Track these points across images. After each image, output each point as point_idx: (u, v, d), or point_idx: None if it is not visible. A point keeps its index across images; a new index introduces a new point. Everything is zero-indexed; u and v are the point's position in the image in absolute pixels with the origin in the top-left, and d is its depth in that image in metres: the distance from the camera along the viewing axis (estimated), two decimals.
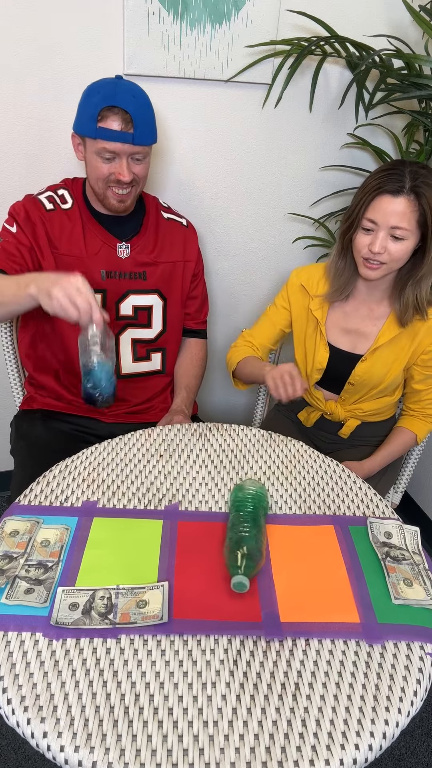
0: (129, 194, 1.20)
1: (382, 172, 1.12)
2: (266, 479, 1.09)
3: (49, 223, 1.23)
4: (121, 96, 1.11)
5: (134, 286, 1.31)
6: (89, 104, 1.12)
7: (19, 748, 1.32)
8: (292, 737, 0.67)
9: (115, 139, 1.11)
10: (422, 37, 1.53)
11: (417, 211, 1.09)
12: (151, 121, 1.16)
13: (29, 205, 1.23)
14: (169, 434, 1.21)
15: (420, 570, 0.89)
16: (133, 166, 1.17)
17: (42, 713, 0.68)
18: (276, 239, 1.80)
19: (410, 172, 1.09)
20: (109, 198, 1.20)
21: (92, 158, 1.16)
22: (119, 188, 1.18)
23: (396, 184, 1.08)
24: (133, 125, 1.11)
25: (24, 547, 0.88)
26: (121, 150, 1.13)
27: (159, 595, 0.82)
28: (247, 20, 1.42)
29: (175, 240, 1.36)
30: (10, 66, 1.34)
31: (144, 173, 1.20)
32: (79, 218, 1.25)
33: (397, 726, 0.70)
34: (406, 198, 1.08)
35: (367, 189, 1.12)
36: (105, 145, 1.12)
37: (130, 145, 1.13)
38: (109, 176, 1.16)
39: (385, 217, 1.10)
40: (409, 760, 1.37)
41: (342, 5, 1.48)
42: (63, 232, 1.23)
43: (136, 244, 1.30)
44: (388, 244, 1.12)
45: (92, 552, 0.89)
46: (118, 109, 1.10)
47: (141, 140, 1.14)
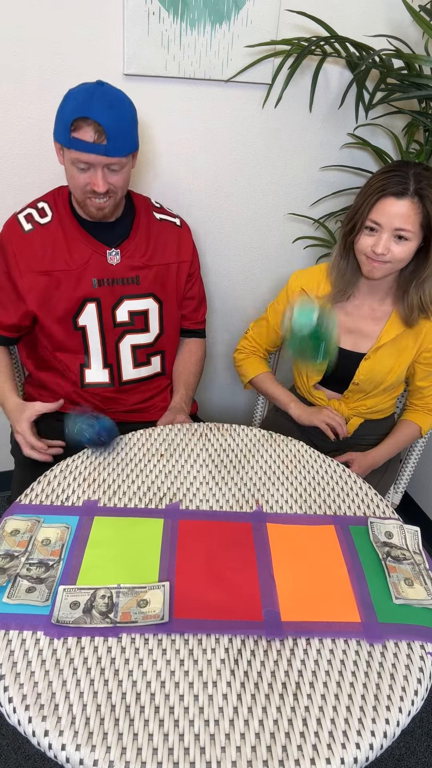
0: (107, 203, 1.18)
1: (385, 173, 1.11)
2: (266, 479, 1.09)
3: (30, 245, 1.21)
4: (95, 106, 1.07)
5: (128, 291, 1.30)
6: (64, 112, 1.10)
7: (19, 748, 1.32)
8: (294, 736, 0.67)
9: (88, 150, 1.08)
10: (422, 37, 1.53)
11: (420, 213, 1.09)
12: (127, 131, 1.12)
13: (8, 233, 1.23)
14: (170, 434, 1.21)
15: (421, 570, 0.89)
16: (110, 176, 1.14)
17: (43, 712, 0.68)
18: (276, 239, 1.80)
19: (414, 174, 1.08)
20: (88, 206, 1.18)
21: (69, 167, 1.14)
22: (96, 197, 1.16)
23: (400, 186, 1.08)
24: (106, 137, 1.07)
25: (25, 545, 0.88)
26: (94, 161, 1.10)
27: (160, 595, 0.82)
28: (247, 20, 1.42)
29: (168, 241, 1.33)
30: (10, 66, 1.34)
31: (122, 183, 1.17)
32: (60, 230, 1.23)
33: (398, 725, 0.70)
34: (410, 200, 1.08)
35: (370, 191, 1.12)
36: (78, 156, 1.10)
37: (103, 157, 1.10)
38: (85, 186, 1.14)
39: (389, 220, 1.10)
40: (409, 759, 1.37)
41: (342, 5, 1.48)
42: (45, 249, 1.22)
43: (127, 248, 1.28)
44: (391, 246, 1.12)
45: (93, 551, 0.89)
46: (90, 120, 1.07)
47: (115, 152, 1.10)
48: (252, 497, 1.04)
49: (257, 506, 1.02)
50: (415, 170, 1.09)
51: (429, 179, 1.09)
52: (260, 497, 1.04)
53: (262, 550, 0.92)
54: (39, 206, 1.25)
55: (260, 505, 1.02)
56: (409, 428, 1.38)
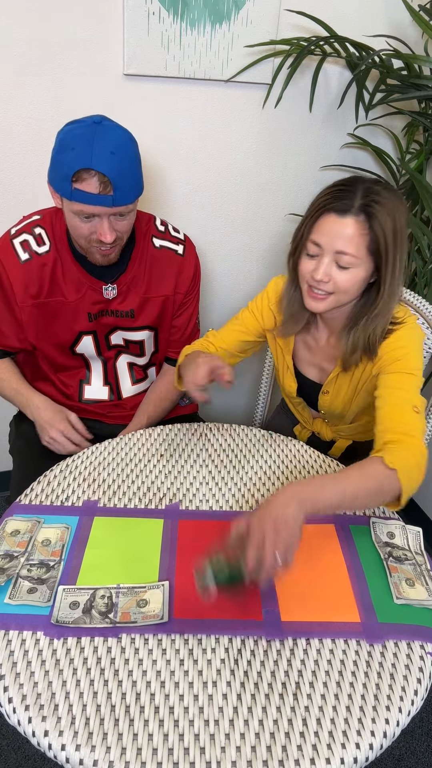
0: (113, 249, 1.12)
1: (331, 187, 0.97)
2: (266, 479, 1.09)
3: (27, 274, 1.16)
4: (97, 156, 0.98)
5: (122, 324, 1.26)
6: (63, 161, 1.00)
7: (19, 748, 1.32)
8: (293, 736, 0.67)
9: (93, 203, 1.01)
10: (422, 38, 1.53)
11: (367, 236, 0.93)
12: (133, 178, 1.04)
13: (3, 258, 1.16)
14: (170, 434, 1.21)
15: (422, 570, 0.89)
16: (116, 224, 1.07)
17: (43, 712, 0.68)
18: (276, 239, 1.80)
19: (363, 189, 0.93)
20: (93, 254, 1.12)
21: (71, 217, 1.06)
22: (102, 246, 1.09)
23: (344, 201, 0.93)
24: (112, 187, 1.00)
25: (25, 546, 0.88)
26: (100, 212, 1.03)
27: (159, 595, 0.82)
28: (247, 20, 1.42)
29: (166, 273, 1.25)
30: (10, 66, 1.34)
31: (128, 228, 1.11)
32: (58, 261, 1.17)
33: (398, 725, 0.70)
34: (354, 219, 0.92)
35: (313, 206, 0.98)
36: (82, 209, 1.02)
37: (110, 208, 1.03)
38: (90, 236, 1.07)
39: (330, 240, 0.94)
40: (409, 759, 1.37)
41: (342, 5, 1.49)
42: (43, 279, 1.17)
43: (123, 282, 1.21)
44: (332, 272, 0.96)
45: (93, 551, 0.89)
46: (94, 171, 0.98)
47: (122, 201, 1.03)
48: (252, 497, 1.04)
49: (257, 506, 1.02)
50: (366, 185, 0.94)
51: (379, 194, 0.93)
52: (260, 497, 1.04)
53: None
54: (36, 232, 1.17)
55: (260, 505, 1.02)
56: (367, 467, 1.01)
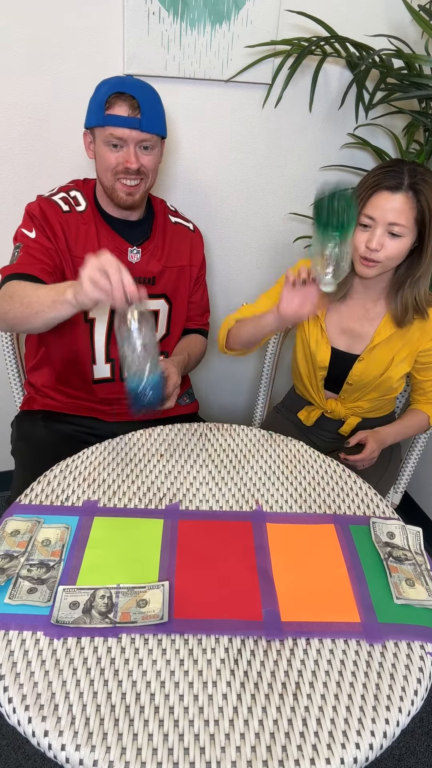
0: (138, 187, 1.18)
1: (380, 169, 1.12)
2: (266, 479, 1.09)
3: (66, 225, 1.21)
4: (129, 84, 1.12)
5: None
6: (98, 95, 1.14)
7: (19, 748, 1.32)
8: (293, 736, 0.67)
9: (123, 125, 1.11)
10: (422, 37, 1.53)
11: (415, 209, 1.10)
12: (159, 112, 1.16)
13: (45, 205, 1.21)
14: (170, 434, 1.21)
15: (422, 570, 0.89)
16: (141, 156, 1.16)
17: (43, 712, 0.68)
18: (276, 239, 1.80)
19: (409, 170, 1.09)
20: (117, 191, 1.18)
21: (101, 149, 1.15)
22: (127, 179, 1.16)
23: (395, 180, 1.09)
24: (140, 111, 1.11)
25: (25, 546, 0.88)
26: (128, 136, 1.12)
27: (159, 595, 0.82)
28: (247, 20, 1.42)
29: (182, 245, 1.35)
30: (10, 66, 1.34)
31: (152, 165, 1.19)
32: (93, 221, 1.24)
33: (398, 725, 0.70)
34: (404, 195, 1.09)
35: (365, 186, 1.12)
36: (113, 131, 1.11)
37: (137, 132, 1.12)
38: (117, 166, 1.15)
39: (383, 214, 1.10)
40: (409, 759, 1.37)
41: (342, 5, 1.49)
42: (79, 234, 1.22)
43: (147, 249, 1.29)
44: (385, 241, 1.12)
45: (93, 551, 0.89)
46: (126, 96, 1.11)
47: (149, 127, 1.13)
48: (252, 497, 1.04)
49: (257, 506, 1.02)
50: (410, 166, 1.10)
51: (423, 175, 1.10)
52: (260, 497, 1.04)
53: (262, 550, 0.92)
54: (71, 194, 1.25)
55: (260, 505, 1.02)
56: (418, 416, 1.37)
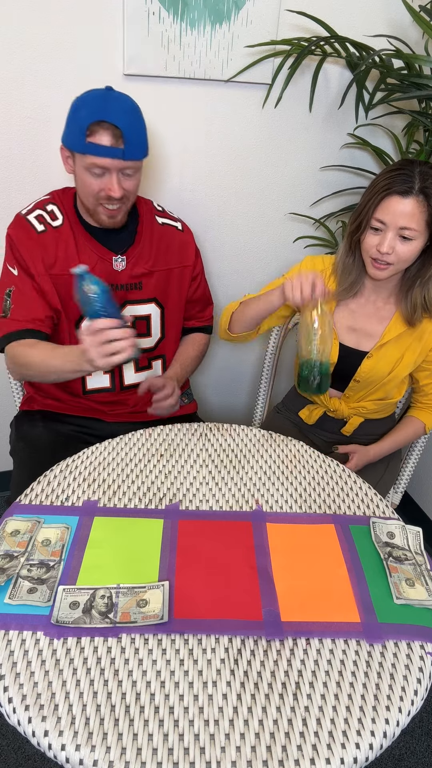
0: (119, 210, 1.17)
1: (391, 172, 1.11)
2: (266, 479, 1.09)
3: (42, 246, 1.20)
4: (111, 110, 1.08)
5: (131, 296, 1.30)
6: (78, 118, 1.09)
7: (19, 748, 1.32)
8: (293, 736, 0.67)
9: (105, 155, 1.08)
10: (422, 37, 1.53)
11: (426, 212, 1.09)
12: (142, 136, 1.13)
13: (20, 234, 1.20)
14: (170, 434, 1.21)
15: (422, 570, 0.89)
16: (124, 182, 1.14)
17: (43, 712, 0.68)
18: (277, 239, 1.80)
19: (420, 173, 1.08)
20: (99, 214, 1.18)
21: (81, 173, 1.13)
22: (110, 203, 1.15)
23: (405, 185, 1.08)
24: (123, 140, 1.08)
25: (25, 546, 0.88)
26: (111, 165, 1.10)
27: (159, 595, 0.82)
28: (247, 20, 1.42)
29: (170, 246, 1.33)
30: (10, 66, 1.34)
31: (134, 188, 1.17)
32: (71, 235, 1.22)
33: (398, 725, 0.70)
34: (415, 199, 1.08)
35: (375, 189, 1.12)
36: (94, 161, 1.09)
37: (120, 161, 1.09)
38: (99, 192, 1.13)
39: (394, 218, 1.10)
40: (409, 759, 1.37)
41: (342, 5, 1.49)
42: (57, 252, 1.21)
43: (132, 255, 1.27)
44: (396, 245, 1.12)
45: (93, 551, 0.89)
46: (107, 124, 1.07)
47: (131, 155, 1.10)
48: (252, 497, 1.04)
49: (257, 506, 1.02)
50: (421, 169, 1.09)
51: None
52: (260, 497, 1.04)
53: (262, 550, 0.92)
54: (48, 209, 1.23)
55: (260, 505, 1.02)
56: (413, 425, 1.38)
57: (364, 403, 1.36)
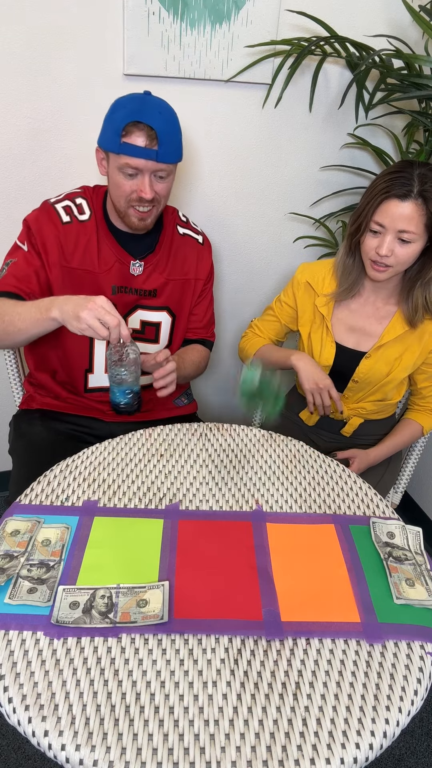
0: (150, 213, 1.18)
1: (389, 174, 1.11)
2: (266, 479, 1.09)
3: (64, 236, 1.20)
4: (147, 112, 1.08)
5: (144, 302, 1.30)
6: (114, 119, 1.10)
7: (19, 748, 1.32)
8: (293, 736, 0.67)
9: (139, 155, 1.08)
10: (422, 37, 1.53)
11: (425, 215, 1.09)
12: (177, 139, 1.13)
13: (44, 218, 1.21)
14: (170, 434, 1.21)
15: (422, 570, 0.89)
16: (156, 184, 1.14)
17: (43, 712, 0.68)
18: (276, 239, 1.80)
19: (419, 176, 1.08)
20: (130, 216, 1.18)
21: (115, 174, 1.13)
22: (141, 206, 1.15)
23: (404, 188, 1.08)
24: (158, 142, 1.08)
25: (25, 546, 0.88)
26: (144, 167, 1.10)
27: (159, 595, 0.82)
28: (247, 20, 1.42)
29: (188, 257, 1.33)
30: (9, 66, 1.34)
31: (166, 192, 1.18)
32: (95, 232, 1.22)
33: (398, 725, 0.70)
34: (413, 202, 1.08)
35: (375, 192, 1.12)
36: (128, 161, 1.09)
37: (153, 162, 1.10)
38: (131, 194, 1.13)
39: (393, 221, 1.10)
40: (409, 759, 1.37)
41: (342, 5, 1.49)
42: (78, 245, 1.21)
43: (150, 262, 1.28)
44: (395, 247, 1.13)
45: (93, 551, 0.89)
46: (143, 125, 1.07)
47: (165, 158, 1.11)
48: (252, 497, 1.04)
49: (257, 506, 1.02)
50: (420, 171, 1.09)
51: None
52: (260, 497, 1.04)
53: (262, 550, 0.92)
54: (77, 201, 1.24)
55: (260, 505, 1.02)
56: (411, 427, 1.39)
57: (364, 404, 1.36)
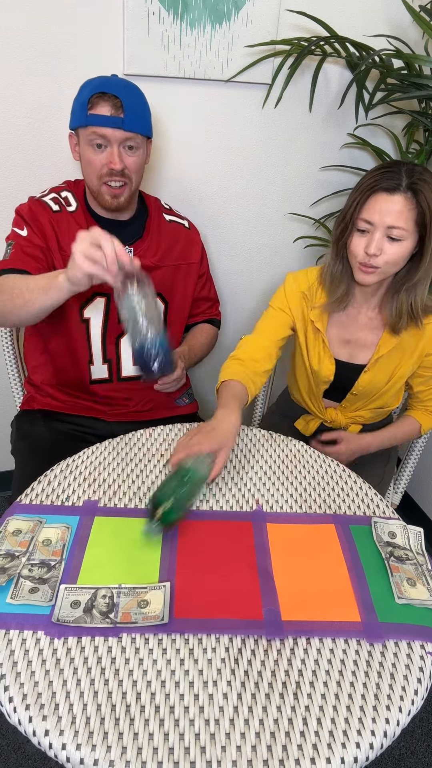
0: (122, 189, 1.18)
1: (377, 171, 1.07)
2: (266, 479, 1.10)
3: (57, 224, 1.21)
4: (112, 84, 1.12)
5: None
6: (81, 95, 1.13)
7: (19, 748, 1.32)
8: (294, 735, 0.67)
9: (105, 124, 1.10)
10: (422, 37, 1.54)
11: (415, 210, 1.04)
12: (142, 111, 1.15)
13: (36, 207, 1.22)
14: (170, 434, 1.21)
15: (423, 570, 0.89)
16: (125, 157, 1.15)
17: (44, 711, 0.68)
18: (276, 239, 1.80)
19: (407, 170, 1.04)
20: (103, 194, 1.18)
21: (85, 150, 1.15)
22: (112, 180, 1.15)
23: (392, 181, 1.03)
24: (123, 111, 1.10)
25: (26, 546, 0.88)
26: (111, 135, 1.11)
27: (160, 596, 0.82)
28: (247, 20, 1.42)
29: (177, 242, 1.35)
30: (9, 66, 1.34)
31: (136, 167, 1.18)
32: (84, 221, 1.24)
33: (398, 725, 0.70)
34: (403, 195, 1.03)
35: (361, 188, 1.07)
36: (95, 130, 1.11)
37: (120, 131, 1.11)
38: (102, 168, 1.14)
39: (381, 217, 1.04)
40: (409, 759, 1.37)
41: (342, 5, 1.49)
42: (70, 232, 1.21)
43: (140, 248, 1.29)
44: (384, 245, 1.06)
45: (93, 551, 0.89)
46: (108, 95, 1.10)
47: (131, 126, 1.12)
48: (252, 497, 1.04)
49: (257, 506, 1.02)
50: (408, 167, 1.05)
51: (422, 174, 1.05)
52: (260, 497, 1.04)
53: (262, 550, 0.92)
54: (62, 195, 1.25)
55: (260, 505, 1.02)
56: (409, 424, 1.35)
57: (361, 413, 1.34)
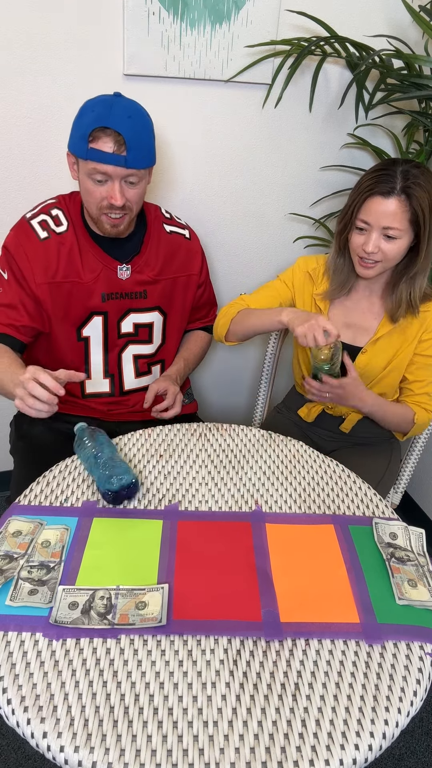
0: (122, 219, 1.16)
1: (374, 172, 1.13)
2: (266, 479, 1.09)
3: (45, 253, 1.19)
4: (115, 116, 1.06)
5: (135, 305, 1.29)
6: (82, 124, 1.08)
7: (19, 748, 1.32)
8: (292, 737, 0.67)
9: (106, 161, 1.06)
10: (422, 38, 1.53)
11: (408, 211, 1.11)
12: (147, 144, 1.11)
13: (22, 238, 1.19)
14: (169, 434, 1.21)
15: (424, 571, 0.89)
16: (126, 190, 1.12)
17: (42, 713, 0.68)
18: (276, 239, 1.80)
19: (402, 173, 1.10)
20: (103, 223, 1.16)
21: (85, 180, 1.11)
22: (112, 212, 1.14)
23: (387, 185, 1.10)
24: (126, 147, 1.06)
25: (25, 548, 0.88)
26: (113, 172, 1.08)
27: (158, 597, 0.82)
28: (247, 20, 1.42)
29: (177, 255, 1.33)
30: (9, 66, 1.34)
31: (137, 198, 1.15)
32: (75, 242, 1.21)
33: (397, 726, 0.70)
34: (397, 199, 1.10)
35: (359, 190, 1.14)
36: (96, 166, 1.07)
37: (122, 168, 1.08)
38: (102, 201, 1.12)
39: (377, 219, 1.12)
40: (408, 760, 1.37)
41: (342, 5, 1.48)
42: (60, 259, 1.20)
43: (137, 263, 1.26)
44: (381, 244, 1.14)
45: (92, 552, 0.89)
46: (110, 130, 1.05)
47: (134, 164, 1.08)
48: (251, 497, 1.04)
49: (256, 506, 1.02)
50: (404, 168, 1.11)
51: (416, 177, 1.10)
52: (259, 497, 1.04)
53: (261, 551, 0.92)
54: (53, 213, 1.22)
55: (259, 505, 1.02)
56: (404, 407, 1.31)
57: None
